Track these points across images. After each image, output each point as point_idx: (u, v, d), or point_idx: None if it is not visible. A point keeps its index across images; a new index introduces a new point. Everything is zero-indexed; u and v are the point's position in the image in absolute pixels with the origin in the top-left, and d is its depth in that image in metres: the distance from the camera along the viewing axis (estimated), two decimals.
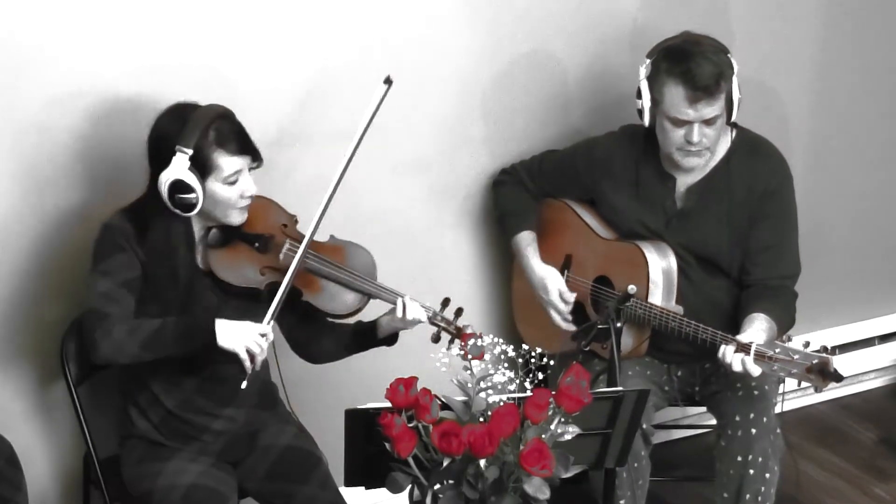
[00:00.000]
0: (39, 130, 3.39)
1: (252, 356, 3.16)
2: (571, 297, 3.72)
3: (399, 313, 3.33)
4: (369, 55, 3.67)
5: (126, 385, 3.38)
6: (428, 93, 3.82)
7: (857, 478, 4.29)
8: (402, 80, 3.62)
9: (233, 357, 3.16)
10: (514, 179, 3.86)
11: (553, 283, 3.74)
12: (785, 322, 3.53)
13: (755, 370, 3.33)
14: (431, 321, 3.36)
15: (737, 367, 3.35)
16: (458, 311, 3.38)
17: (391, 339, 3.43)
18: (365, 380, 3.51)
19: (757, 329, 3.42)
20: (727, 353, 3.38)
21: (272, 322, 3.20)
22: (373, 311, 3.41)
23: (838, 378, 3.26)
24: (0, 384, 3.51)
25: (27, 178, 3.41)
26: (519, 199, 3.85)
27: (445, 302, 3.39)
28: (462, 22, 3.82)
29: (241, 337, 3.15)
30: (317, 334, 3.45)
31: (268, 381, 3.47)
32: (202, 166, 3.17)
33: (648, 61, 3.54)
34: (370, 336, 3.42)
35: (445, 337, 3.37)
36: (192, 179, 3.16)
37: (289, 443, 3.39)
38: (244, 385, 3.16)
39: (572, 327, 3.72)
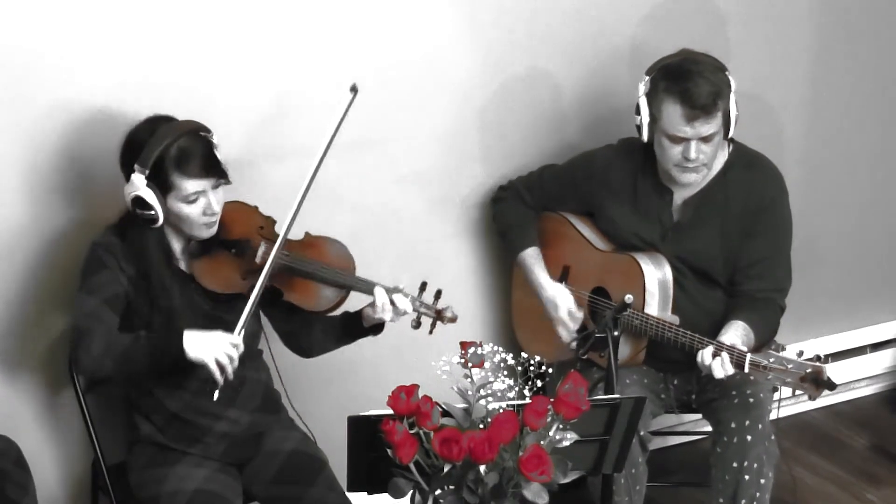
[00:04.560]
0: (44, 141, 3.41)
1: (221, 367, 3.15)
2: (580, 314, 3.71)
3: (379, 303, 3.30)
4: (368, 68, 3.68)
5: (129, 391, 3.40)
6: (429, 108, 3.83)
7: (849, 484, 4.30)
8: (403, 97, 3.66)
9: (204, 368, 3.16)
10: (512, 195, 3.86)
11: (563, 302, 3.72)
12: (764, 333, 3.54)
13: (730, 369, 3.36)
14: (412, 308, 3.32)
15: (718, 374, 3.38)
16: (437, 294, 3.32)
17: (377, 329, 3.40)
18: (367, 387, 3.53)
19: (731, 335, 3.44)
20: (705, 356, 3.41)
21: (243, 331, 3.19)
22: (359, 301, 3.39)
23: (832, 386, 3.29)
24: (11, 390, 3.53)
25: (35, 187, 3.43)
26: (519, 214, 3.85)
27: (423, 286, 3.33)
28: (461, 38, 3.83)
29: (210, 348, 3.15)
30: (306, 327, 3.43)
31: (270, 386, 3.49)
32: (161, 185, 3.16)
33: (647, 78, 3.54)
34: (357, 326, 3.40)
35: (426, 322, 3.32)
36: (150, 197, 3.16)
37: (294, 447, 3.40)
38: (216, 396, 3.16)
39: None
